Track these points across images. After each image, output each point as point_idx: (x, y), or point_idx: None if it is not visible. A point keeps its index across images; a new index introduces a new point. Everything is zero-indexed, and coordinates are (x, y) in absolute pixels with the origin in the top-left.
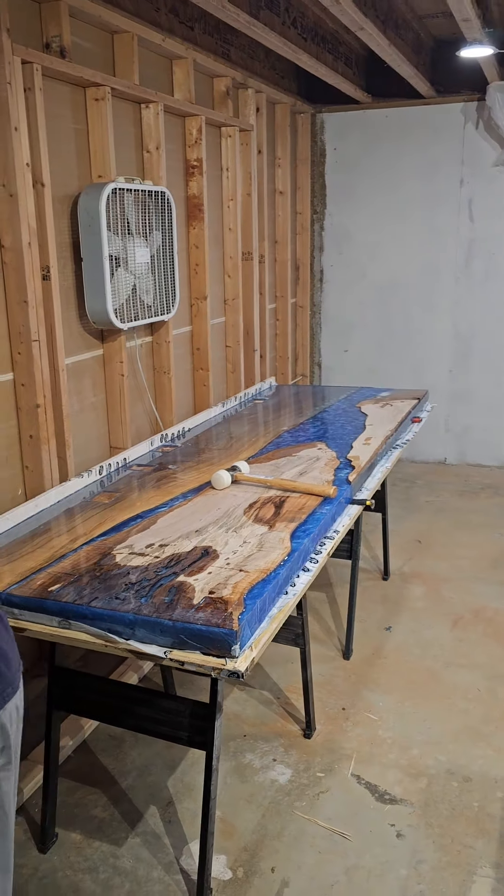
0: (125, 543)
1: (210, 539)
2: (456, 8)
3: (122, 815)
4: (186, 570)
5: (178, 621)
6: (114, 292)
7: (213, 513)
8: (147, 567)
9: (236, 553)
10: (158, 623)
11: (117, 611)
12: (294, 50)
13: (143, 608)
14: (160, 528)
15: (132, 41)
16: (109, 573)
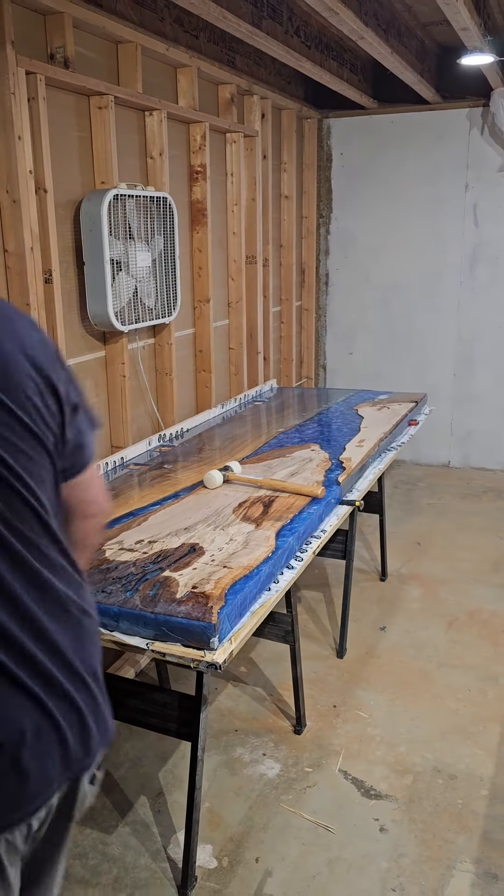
0: (116, 539)
1: (198, 536)
2: (454, 18)
3: (113, 805)
4: (172, 565)
5: (161, 614)
6: (115, 295)
7: (204, 511)
8: (135, 562)
9: (222, 550)
10: (142, 615)
11: (103, 603)
12: (297, 58)
13: (128, 601)
14: (151, 524)
15: (136, 51)
16: (99, 567)
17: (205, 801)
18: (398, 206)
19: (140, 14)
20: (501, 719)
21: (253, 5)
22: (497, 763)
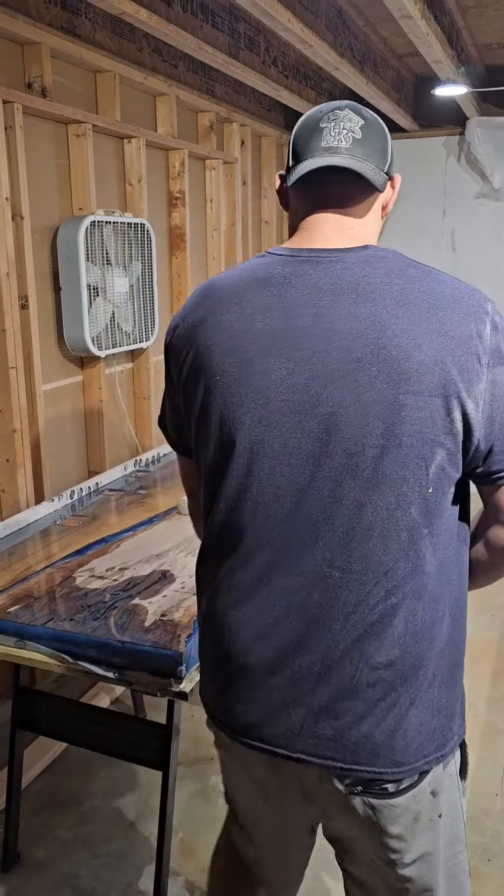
0: (87, 567)
1: (169, 563)
2: (426, 51)
3: (85, 836)
4: (142, 592)
5: (128, 643)
6: (92, 321)
7: (176, 537)
8: (104, 590)
9: (192, 577)
10: (108, 644)
11: (70, 632)
12: (275, 87)
13: (96, 630)
14: (123, 551)
15: (114, 80)
16: (68, 595)
17: (178, 831)
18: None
19: (118, 44)
20: (477, 744)
21: (230, 36)
22: (472, 789)
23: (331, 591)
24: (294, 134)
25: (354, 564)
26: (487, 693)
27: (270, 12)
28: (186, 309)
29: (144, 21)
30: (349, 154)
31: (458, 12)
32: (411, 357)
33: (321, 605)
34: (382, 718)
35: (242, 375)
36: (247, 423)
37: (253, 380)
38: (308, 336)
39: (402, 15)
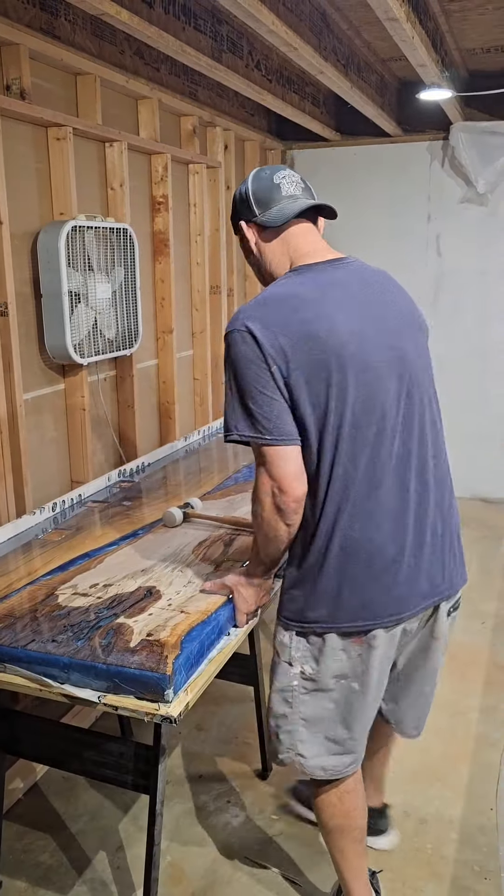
0: (69, 583)
1: (155, 579)
2: (411, 55)
3: (70, 862)
4: (127, 611)
5: (112, 665)
6: (73, 328)
7: (162, 551)
8: (88, 608)
9: (179, 593)
10: (93, 667)
11: (52, 654)
12: (258, 91)
13: (79, 651)
14: (107, 566)
15: (95, 83)
16: (50, 614)
17: (166, 854)
18: (363, 236)
19: (99, 46)
20: (470, 758)
21: (213, 39)
22: (466, 804)
23: (425, 493)
24: (251, 191)
25: (436, 471)
26: (479, 703)
27: (254, 14)
28: (268, 316)
29: (126, 22)
30: (306, 197)
31: (442, 16)
32: (420, 318)
33: (423, 505)
34: (460, 558)
35: (353, 352)
36: (364, 380)
37: (357, 352)
38: (371, 315)
39: (387, 17)
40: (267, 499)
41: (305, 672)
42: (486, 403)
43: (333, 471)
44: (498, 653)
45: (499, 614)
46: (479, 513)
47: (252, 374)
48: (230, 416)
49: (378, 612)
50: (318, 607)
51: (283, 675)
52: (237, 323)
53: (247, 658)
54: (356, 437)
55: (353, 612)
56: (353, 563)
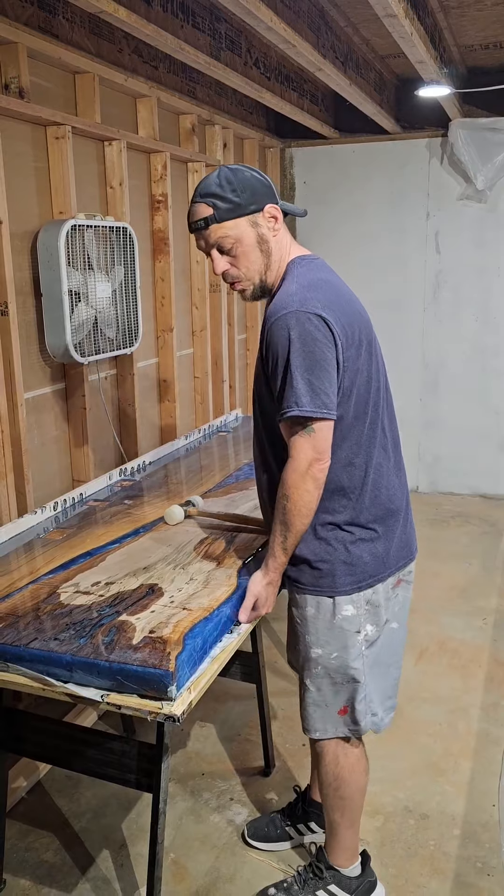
0: (71, 582)
1: (157, 576)
2: (410, 51)
3: (73, 860)
4: (129, 608)
5: (115, 662)
6: (74, 327)
7: (164, 549)
8: (90, 606)
9: (181, 591)
10: (95, 664)
11: (54, 652)
12: (257, 89)
13: (82, 649)
14: (109, 565)
15: (94, 81)
16: (52, 613)
17: (169, 851)
18: (361, 234)
19: (97, 45)
20: (472, 754)
21: (211, 37)
22: (468, 800)
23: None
24: (270, 182)
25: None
26: (481, 700)
27: (253, 11)
28: (326, 299)
29: (124, 20)
30: None
31: (441, 12)
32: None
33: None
34: None
35: (368, 328)
36: (377, 355)
37: (371, 330)
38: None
39: (386, 14)
40: (306, 471)
41: (369, 633)
42: (485, 400)
43: (366, 436)
44: (499, 649)
45: (500, 610)
46: (479, 509)
47: (320, 352)
48: (291, 393)
49: (410, 550)
50: (371, 562)
51: (354, 648)
52: (298, 304)
53: (249, 655)
54: (377, 405)
55: (397, 555)
56: (388, 513)
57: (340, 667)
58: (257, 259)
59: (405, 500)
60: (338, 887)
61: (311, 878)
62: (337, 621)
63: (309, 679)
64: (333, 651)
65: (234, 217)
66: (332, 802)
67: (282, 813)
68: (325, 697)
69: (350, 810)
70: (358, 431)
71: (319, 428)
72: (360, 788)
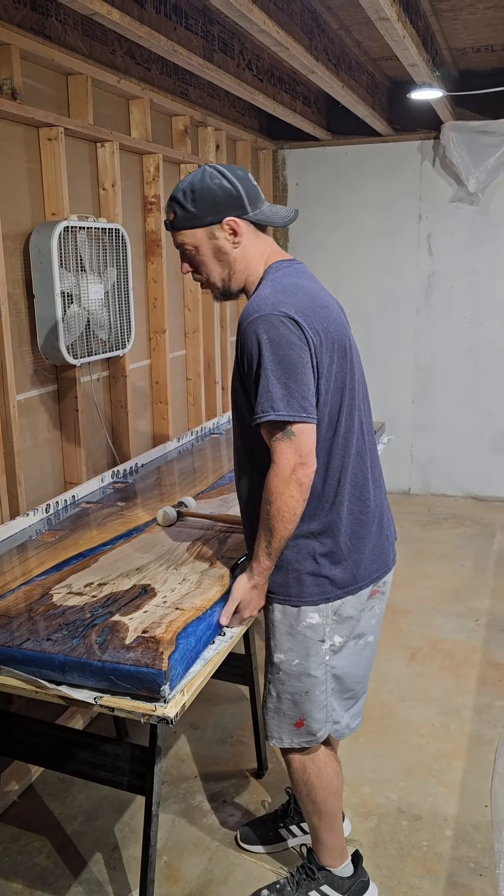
0: (64, 583)
1: (150, 577)
2: (402, 54)
3: (65, 863)
4: (122, 609)
5: (108, 662)
6: (66, 329)
7: (157, 550)
8: (83, 607)
9: (174, 591)
10: (88, 664)
11: (47, 652)
12: (250, 91)
13: (74, 649)
14: (101, 566)
15: (86, 83)
16: (45, 614)
17: (162, 854)
18: (354, 235)
19: (90, 46)
20: (464, 754)
21: (204, 39)
22: (460, 801)
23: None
24: (242, 188)
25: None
26: (473, 701)
27: (245, 13)
28: (299, 303)
29: (117, 22)
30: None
31: (433, 15)
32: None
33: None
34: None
35: (344, 335)
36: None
37: (348, 336)
38: (336, 307)
39: (378, 17)
40: (290, 476)
41: (336, 644)
42: (477, 402)
43: (340, 443)
44: (491, 650)
45: (492, 612)
46: (471, 510)
47: (295, 355)
48: (266, 398)
49: (385, 562)
50: (340, 575)
51: (315, 657)
52: (269, 307)
53: (242, 658)
54: (352, 412)
55: (370, 567)
56: (360, 524)
57: (301, 674)
58: (216, 268)
59: (381, 510)
60: (330, 887)
61: (303, 879)
62: (300, 629)
63: (270, 684)
64: (295, 658)
65: (189, 227)
66: (307, 807)
67: (275, 815)
68: (283, 706)
69: (326, 813)
70: (330, 438)
71: (300, 431)
72: (332, 792)
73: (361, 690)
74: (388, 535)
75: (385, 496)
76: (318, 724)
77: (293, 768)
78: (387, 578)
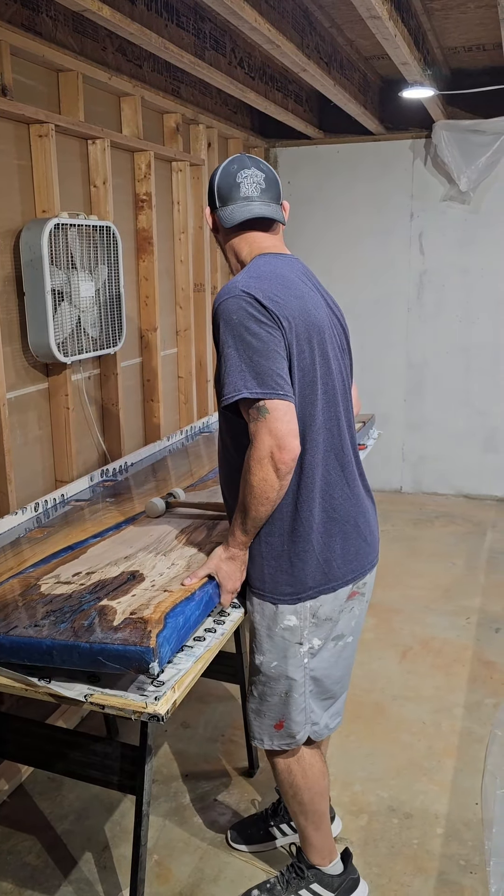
0: (52, 574)
1: (138, 564)
2: (393, 53)
3: (55, 862)
4: (111, 594)
5: (95, 643)
6: (57, 326)
7: (145, 539)
8: (71, 595)
9: (163, 575)
10: (76, 647)
11: (34, 637)
12: (241, 89)
13: (61, 633)
14: (90, 556)
15: (77, 79)
16: (32, 602)
17: (153, 853)
18: (346, 234)
19: (81, 43)
20: (455, 752)
21: (195, 36)
22: (451, 799)
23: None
24: (217, 184)
25: (354, 439)
26: (464, 699)
27: (237, 11)
28: (271, 289)
29: (107, 19)
30: (260, 201)
31: (424, 14)
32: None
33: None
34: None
35: (319, 328)
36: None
37: (325, 329)
38: (317, 301)
39: (370, 16)
40: (265, 459)
41: (314, 646)
42: (469, 400)
43: (315, 437)
44: (482, 648)
45: (483, 610)
46: (462, 509)
47: (264, 333)
48: (237, 377)
49: (362, 563)
50: (312, 574)
51: (294, 659)
52: (236, 291)
53: (233, 656)
54: (328, 408)
55: (344, 568)
56: (332, 522)
57: (279, 676)
58: (225, 254)
59: (358, 510)
60: (320, 885)
61: (293, 878)
62: (278, 631)
63: (252, 685)
64: (273, 660)
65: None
66: (293, 808)
67: (264, 814)
68: (263, 707)
69: (313, 813)
70: (302, 432)
71: (273, 408)
72: (318, 792)
73: (340, 690)
74: (366, 537)
75: (366, 497)
76: (298, 727)
77: (278, 770)
78: (367, 580)
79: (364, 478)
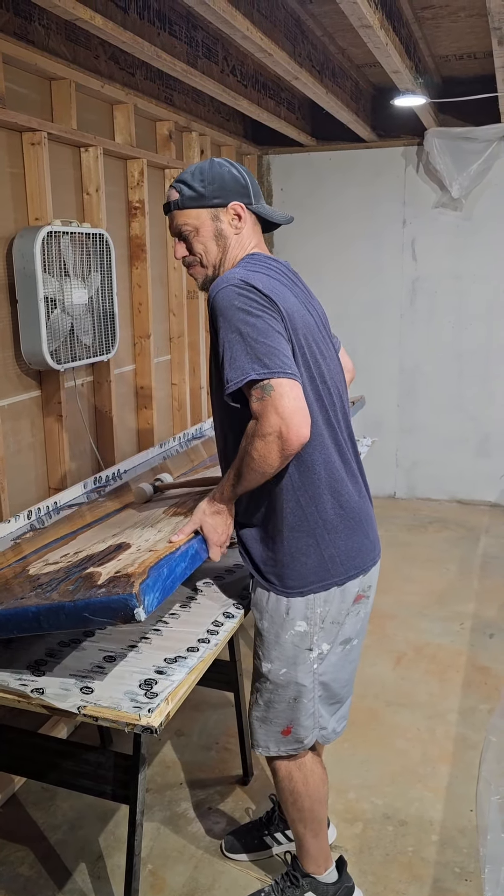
0: (42, 560)
1: (125, 536)
2: (385, 62)
3: (49, 873)
4: (97, 563)
5: (80, 600)
6: (50, 334)
7: (133, 519)
8: (59, 570)
9: (148, 541)
10: (61, 607)
11: (20, 606)
12: (234, 97)
13: (47, 599)
14: (78, 541)
15: (70, 87)
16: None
17: (147, 863)
18: (339, 241)
19: (73, 51)
20: (450, 759)
21: (188, 45)
22: (446, 805)
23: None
24: (249, 180)
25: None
26: (458, 705)
27: (229, 20)
28: (267, 281)
29: (100, 27)
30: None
31: (416, 23)
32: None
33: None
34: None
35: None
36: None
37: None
38: (307, 298)
39: (361, 25)
40: (271, 436)
41: (323, 652)
42: (461, 406)
43: (321, 431)
44: (476, 654)
45: (477, 615)
46: (455, 514)
47: (266, 316)
48: (243, 360)
49: (363, 561)
50: (314, 567)
51: (304, 665)
52: (235, 280)
53: (227, 664)
54: (325, 402)
55: (346, 564)
56: (339, 518)
57: (288, 683)
58: (213, 251)
59: (362, 508)
60: (315, 894)
61: (288, 887)
62: (288, 637)
63: (258, 693)
64: (282, 667)
65: (195, 206)
66: (292, 815)
67: (259, 822)
68: (269, 714)
69: (312, 821)
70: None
71: (278, 385)
72: (318, 799)
73: (346, 694)
74: (369, 534)
75: (368, 497)
76: (306, 731)
77: (279, 777)
78: (371, 582)
79: (364, 475)
